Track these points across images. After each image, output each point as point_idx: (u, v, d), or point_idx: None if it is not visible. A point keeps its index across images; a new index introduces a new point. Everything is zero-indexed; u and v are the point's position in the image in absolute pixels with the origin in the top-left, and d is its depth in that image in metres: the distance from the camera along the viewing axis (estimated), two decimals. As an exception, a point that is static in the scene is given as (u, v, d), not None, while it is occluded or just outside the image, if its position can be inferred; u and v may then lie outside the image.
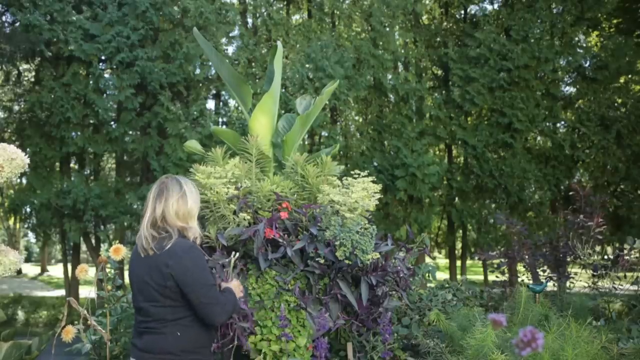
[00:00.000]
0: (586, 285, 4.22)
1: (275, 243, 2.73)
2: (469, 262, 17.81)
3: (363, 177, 2.98)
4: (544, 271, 4.35)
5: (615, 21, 12.82)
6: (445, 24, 13.08)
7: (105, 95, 10.45)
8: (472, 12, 12.99)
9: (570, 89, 12.71)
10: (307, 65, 10.41)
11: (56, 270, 25.00)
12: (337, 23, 12.31)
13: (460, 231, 13.21)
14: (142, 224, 2.22)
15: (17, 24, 10.23)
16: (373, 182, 2.99)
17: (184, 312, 2.13)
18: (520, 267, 4.74)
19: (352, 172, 3.02)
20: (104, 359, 3.11)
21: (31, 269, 26.51)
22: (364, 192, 2.88)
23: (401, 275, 2.91)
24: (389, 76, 11.49)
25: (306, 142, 11.17)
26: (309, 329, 2.63)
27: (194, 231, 2.24)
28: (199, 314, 2.13)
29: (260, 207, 2.94)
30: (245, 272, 2.69)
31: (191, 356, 2.15)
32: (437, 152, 13.45)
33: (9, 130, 11.65)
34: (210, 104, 12.36)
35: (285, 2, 12.49)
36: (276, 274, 2.67)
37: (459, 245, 14.43)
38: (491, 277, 7.50)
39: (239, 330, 2.56)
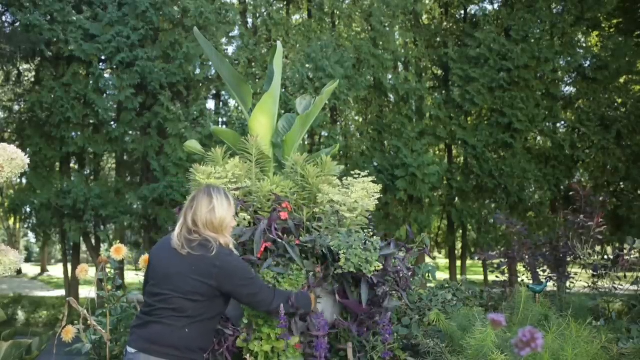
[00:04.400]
0: (586, 285, 4.22)
1: (275, 243, 2.73)
2: (469, 262, 17.80)
3: (363, 177, 2.98)
4: (544, 271, 4.34)
5: (615, 21, 12.82)
6: (445, 24, 13.08)
7: (105, 95, 10.45)
8: (472, 12, 12.99)
9: (570, 89, 12.70)
10: (307, 65, 10.41)
11: (56, 270, 24.99)
12: (337, 23, 12.31)
13: (460, 231, 13.21)
14: (177, 226, 2.32)
15: (17, 24, 10.23)
16: (373, 182, 2.99)
17: (202, 311, 2.21)
18: (520, 267, 4.73)
19: (352, 172, 3.02)
20: (104, 359, 3.11)
21: (31, 269, 26.49)
22: (363, 192, 2.89)
23: (401, 275, 2.91)
24: (389, 76, 11.49)
25: (306, 142, 11.17)
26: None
27: (226, 241, 2.32)
28: (252, 305, 2.40)
29: (260, 207, 2.94)
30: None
31: (191, 355, 2.21)
32: (437, 152, 13.44)
33: (9, 130, 11.65)
34: (210, 104, 12.38)
35: (285, 2, 12.48)
36: (275, 274, 2.67)
37: (459, 245, 14.42)
38: (491, 277, 7.48)
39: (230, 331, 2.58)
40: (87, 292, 3.45)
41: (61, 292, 15.06)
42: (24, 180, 11.11)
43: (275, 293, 2.40)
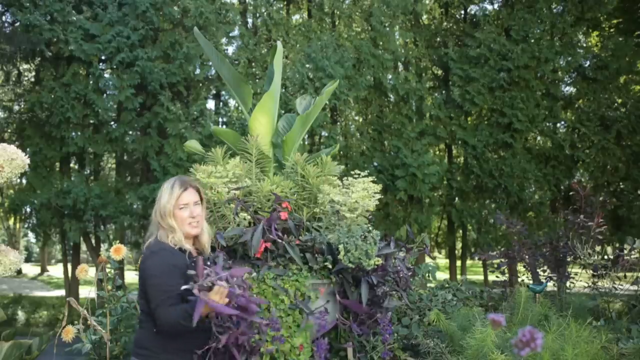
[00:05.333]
0: (586, 285, 4.22)
1: (275, 243, 2.73)
2: (469, 262, 17.81)
3: (363, 177, 2.98)
4: (544, 271, 4.34)
5: (615, 21, 12.82)
6: (445, 24, 13.07)
7: (105, 95, 10.45)
8: (472, 12, 12.99)
9: (570, 89, 12.70)
10: (307, 65, 10.41)
11: (56, 270, 25.00)
12: (337, 23, 12.31)
13: (460, 231, 13.21)
14: None
15: (17, 24, 10.23)
16: (373, 182, 2.99)
17: None
18: (520, 267, 4.73)
19: (352, 172, 3.02)
20: (104, 359, 3.11)
21: (31, 269, 26.50)
22: (364, 192, 2.89)
23: (401, 275, 2.91)
24: (389, 76, 11.49)
25: (306, 142, 11.17)
26: (305, 330, 2.63)
27: (173, 234, 2.24)
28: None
29: (260, 207, 2.94)
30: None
31: (166, 355, 2.15)
32: (437, 152, 13.44)
33: (9, 130, 11.65)
34: (210, 104, 12.37)
35: (285, 2, 12.48)
36: (275, 275, 2.67)
37: (459, 245, 14.43)
38: (491, 277, 7.49)
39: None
40: (87, 292, 3.45)
41: (61, 292, 15.06)
42: (24, 180, 11.10)
43: (164, 318, 2.07)
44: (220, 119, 11.49)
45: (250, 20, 12.25)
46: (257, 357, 2.49)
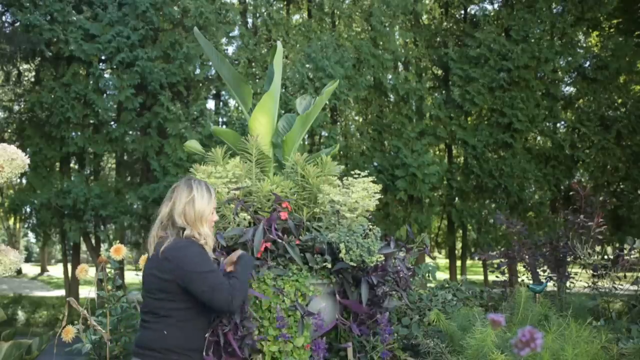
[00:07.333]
0: (586, 285, 4.22)
1: (275, 243, 2.73)
2: (469, 262, 17.81)
3: (363, 177, 2.98)
4: (544, 271, 4.34)
5: (615, 21, 12.82)
6: (445, 24, 13.07)
7: (105, 95, 10.45)
8: (472, 12, 12.99)
9: (570, 89, 12.70)
10: (307, 65, 10.41)
11: (56, 270, 25.00)
12: (337, 23, 12.31)
13: (460, 231, 13.21)
14: (154, 224, 2.28)
15: (18, 24, 10.23)
16: (373, 182, 2.99)
17: (176, 308, 2.14)
18: (520, 267, 4.73)
19: (352, 172, 3.02)
20: (104, 359, 3.11)
21: (31, 269, 26.51)
22: (364, 192, 2.89)
23: (401, 275, 2.91)
24: (389, 76, 11.49)
25: (306, 142, 11.17)
26: (305, 329, 2.63)
27: (204, 236, 2.21)
28: (207, 305, 2.13)
29: (260, 207, 2.94)
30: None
31: (174, 357, 2.13)
32: (437, 152, 13.44)
33: (9, 130, 11.65)
34: (210, 104, 12.37)
35: (285, 2, 12.48)
36: (275, 276, 2.67)
37: (459, 245, 14.43)
38: (491, 277, 7.49)
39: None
40: (87, 292, 3.45)
41: (61, 292, 15.06)
42: (24, 180, 11.11)
43: (233, 289, 2.12)
44: (220, 119, 11.49)
45: (250, 20, 12.25)
46: (260, 356, 2.49)
